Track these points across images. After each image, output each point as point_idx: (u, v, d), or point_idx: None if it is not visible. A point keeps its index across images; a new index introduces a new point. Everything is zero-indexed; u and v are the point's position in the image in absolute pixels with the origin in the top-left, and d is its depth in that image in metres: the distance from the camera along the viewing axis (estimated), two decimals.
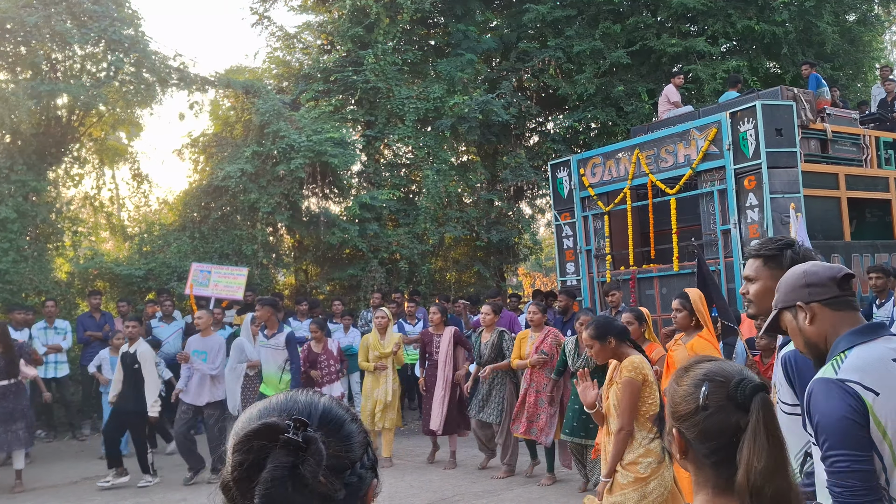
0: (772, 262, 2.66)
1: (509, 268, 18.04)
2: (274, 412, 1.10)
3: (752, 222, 9.09)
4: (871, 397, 1.98)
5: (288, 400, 1.15)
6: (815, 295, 2.19)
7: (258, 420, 1.07)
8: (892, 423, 1.97)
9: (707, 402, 1.53)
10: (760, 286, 2.68)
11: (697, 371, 1.60)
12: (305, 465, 0.99)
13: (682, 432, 1.57)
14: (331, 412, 1.15)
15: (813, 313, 2.19)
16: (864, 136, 10.53)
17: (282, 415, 1.08)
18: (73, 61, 12.94)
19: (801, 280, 2.23)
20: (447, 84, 15.49)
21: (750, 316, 2.81)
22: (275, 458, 0.99)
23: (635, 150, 10.47)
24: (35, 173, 12.15)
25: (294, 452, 1.01)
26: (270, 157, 13.15)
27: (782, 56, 16.34)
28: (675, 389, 1.62)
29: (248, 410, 1.15)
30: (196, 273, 11.25)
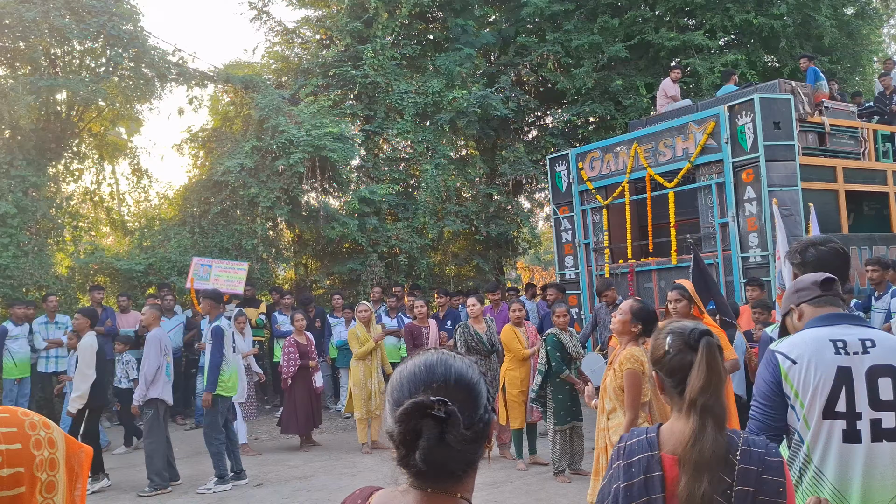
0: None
1: (508, 261, 18.08)
2: (420, 386, 1.40)
3: (750, 215, 9.13)
4: (787, 364, 2.51)
5: (428, 370, 1.43)
6: (801, 297, 2.73)
7: (408, 395, 1.39)
8: (801, 388, 2.47)
9: (670, 348, 2.09)
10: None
11: (666, 328, 2.16)
12: (449, 431, 1.31)
13: (658, 373, 2.14)
14: (463, 378, 1.44)
15: (801, 312, 2.72)
16: (862, 130, 10.56)
17: (427, 390, 1.38)
18: (72, 56, 12.96)
19: (792, 288, 2.79)
20: (446, 78, 15.50)
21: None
22: (427, 428, 1.31)
23: (633, 144, 10.50)
24: (35, 168, 12.17)
25: (440, 423, 1.31)
26: (270, 151, 13.17)
27: (780, 49, 16.35)
28: (653, 343, 2.17)
29: (398, 379, 1.46)
30: (197, 267, 11.29)
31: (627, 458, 2.07)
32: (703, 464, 1.93)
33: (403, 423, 1.34)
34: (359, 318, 9.52)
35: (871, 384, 2.43)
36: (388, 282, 13.92)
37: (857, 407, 2.42)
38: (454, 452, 1.34)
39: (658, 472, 2.01)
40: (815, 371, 2.46)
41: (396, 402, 1.41)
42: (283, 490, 7.60)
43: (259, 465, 8.76)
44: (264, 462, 8.91)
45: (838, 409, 2.43)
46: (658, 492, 1.98)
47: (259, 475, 8.26)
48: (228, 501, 7.30)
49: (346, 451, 9.42)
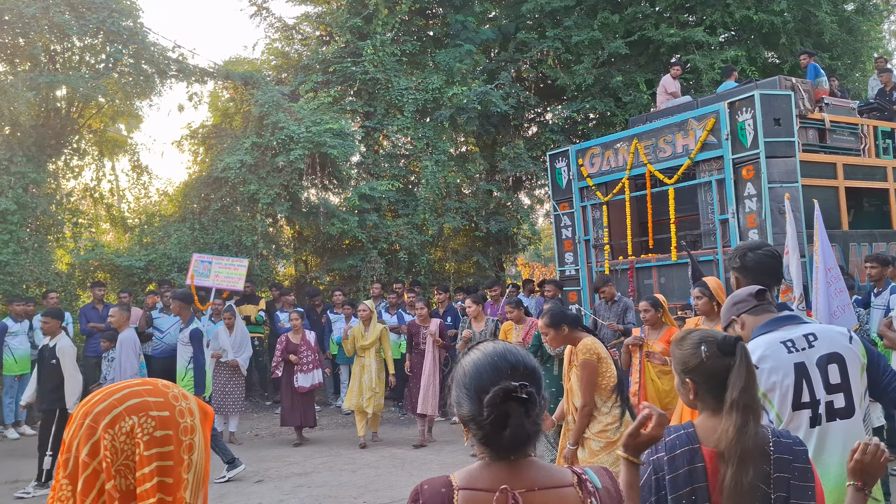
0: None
1: (508, 258, 18.08)
2: (502, 374, 1.64)
3: (751, 212, 9.12)
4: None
5: (504, 360, 1.67)
6: (741, 309, 3.03)
7: (490, 383, 1.62)
8: (769, 389, 2.74)
9: (706, 356, 2.26)
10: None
11: (693, 337, 2.34)
12: (530, 411, 1.59)
13: (692, 379, 2.31)
14: (530, 363, 1.71)
15: (742, 322, 3.01)
16: (862, 126, 10.55)
17: (508, 377, 1.62)
18: (72, 53, 12.95)
19: (730, 302, 3.09)
20: (446, 75, 15.49)
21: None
22: (514, 409, 1.58)
23: (634, 141, 10.49)
24: (35, 165, 12.17)
25: (523, 403, 1.58)
26: (270, 148, 13.16)
27: (781, 46, 16.33)
28: (681, 352, 2.34)
29: (472, 370, 1.69)
30: (197, 264, 11.30)
31: (671, 452, 2.24)
32: (747, 455, 2.13)
33: (494, 407, 1.59)
34: (360, 318, 9.73)
35: (822, 372, 2.77)
36: (388, 278, 13.93)
37: (817, 395, 2.75)
38: (533, 425, 1.62)
39: (701, 463, 2.21)
40: (776, 372, 2.76)
41: (478, 390, 1.64)
42: (283, 486, 7.62)
43: (259, 461, 8.77)
44: (264, 458, 8.92)
45: (804, 400, 2.75)
46: (702, 481, 2.19)
47: (259, 471, 8.28)
48: (229, 497, 7.32)
49: (346, 447, 9.44)
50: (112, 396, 1.37)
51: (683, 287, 9.71)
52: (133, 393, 1.38)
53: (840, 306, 5.20)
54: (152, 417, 1.35)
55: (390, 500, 6.99)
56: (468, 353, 1.74)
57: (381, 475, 7.96)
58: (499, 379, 1.61)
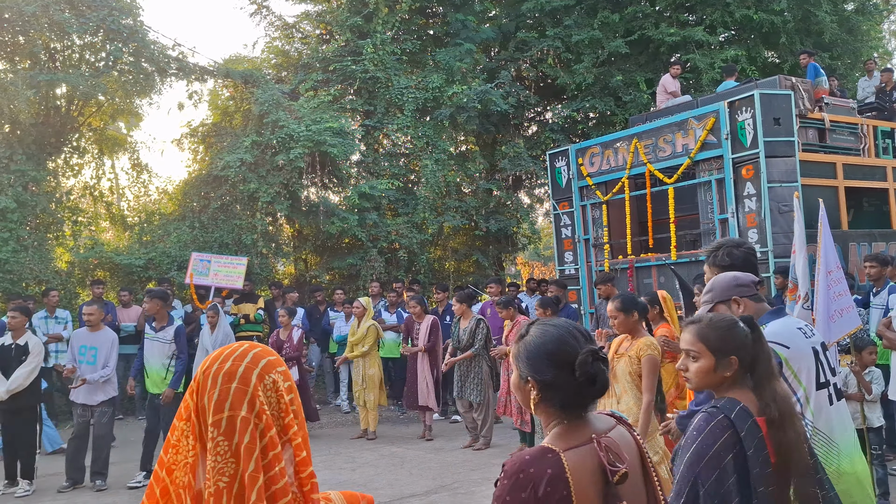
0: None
1: (508, 257, 18.09)
2: (582, 341, 1.93)
3: (750, 211, 9.13)
4: (784, 351, 3.01)
5: (574, 328, 1.97)
6: (744, 292, 3.21)
7: (575, 349, 1.91)
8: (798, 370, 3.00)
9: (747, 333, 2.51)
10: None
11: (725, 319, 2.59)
12: (606, 366, 1.93)
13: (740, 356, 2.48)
14: (588, 332, 2.10)
15: (744, 305, 3.18)
16: (862, 126, 10.55)
17: (583, 342, 1.93)
18: (72, 51, 12.94)
19: (733, 282, 3.23)
20: (446, 74, 15.48)
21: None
22: (598, 368, 1.89)
23: (633, 140, 10.50)
24: (34, 163, 12.16)
25: (604, 361, 1.91)
26: (270, 146, 13.16)
27: (780, 45, 16.33)
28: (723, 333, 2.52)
29: (553, 341, 1.94)
30: (196, 262, 11.29)
31: (741, 429, 2.35)
32: (788, 416, 2.39)
33: (587, 366, 1.88)
34: (354, 314, 10.29)
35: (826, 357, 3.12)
36: (387, 277, 13.93)
37: (828, 377, 3.10)
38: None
39: (760, 433, 2.37)
40: (802, 354, 3.04)
41: (565, 356, 1.91)
42: None
43: None
44: None
45: (821, 381, 3.06)
46: (764, 448, 2.36)
47: None
48: None
49: (345, 445, 9.45)
50: (245, 358, 1.53)
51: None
52: (261, 353, 1.56)
53: (838, 310, 5.18)
54: (280, 372, 1.55)
55: (389, 499, 7.00)
56: (535, 330, 1.99)
57: (381, 473, 7.97)
58: (578, 345, 1.91)
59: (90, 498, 7.51)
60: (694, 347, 2.55)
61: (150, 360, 8.16)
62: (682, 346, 2.63)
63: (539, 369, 1.92)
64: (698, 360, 2.55)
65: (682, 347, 2.63)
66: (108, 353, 7.97)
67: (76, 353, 7.96)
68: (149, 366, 8.16)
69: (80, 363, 7.92)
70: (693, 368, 2.56)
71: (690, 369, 2.58)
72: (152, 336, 8.16)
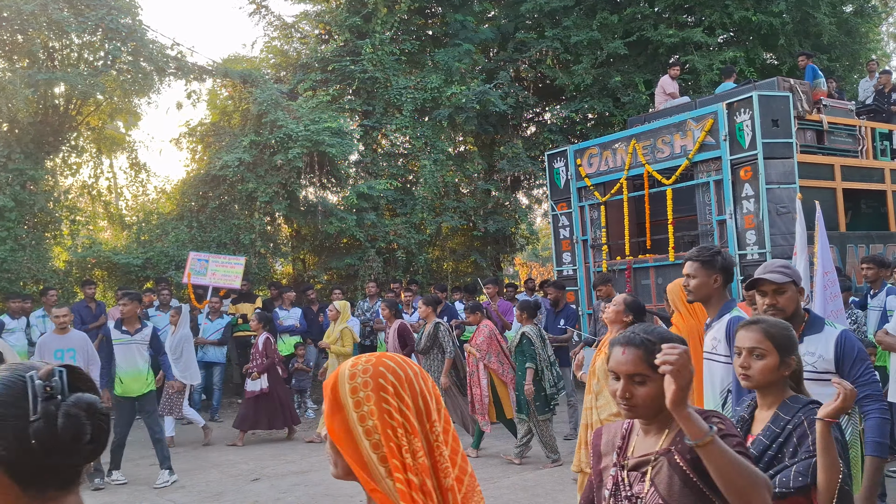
0: (707, 265, 3.86)
1: (506, 257, 18.09)
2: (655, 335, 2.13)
3: (748, 213, 9.14)
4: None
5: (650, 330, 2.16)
6: (798, 283, 3.48)
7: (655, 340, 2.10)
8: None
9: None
10: (698, 282, 3.89)
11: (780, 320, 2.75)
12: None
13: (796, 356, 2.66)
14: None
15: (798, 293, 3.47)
16: (860, 128, 10.57)
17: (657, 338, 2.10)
18: (71, 50, 12.93)
19: (799, 276, 3.51)
20: (445, 74, 15.49)
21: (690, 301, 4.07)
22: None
23: (632, 141, 10.50)
24: (32, 162, 12.15)
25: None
26: (268, 146, 13.16)
27: (779, 47, 16.35)
28: (789, 333, 2.65)
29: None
30: (194, 262, 11.29)
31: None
32: None
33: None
34: (329, 317, 10.19)
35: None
36: (385, 277, 13.93)
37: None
38: None
39: None
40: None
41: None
42: (280, 484, 7.62)
43: (256, 459, 8.78)
44: (261, 456, 8.92)
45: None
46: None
47: (256, 469, 8.28)
48: (226, 495, 7.32)
49: None
50: (397, 361, 1.52)
51: None
52: (403, 358, 1.55)
53: (834, 311, 5.24)
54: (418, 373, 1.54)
55: None
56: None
57: None
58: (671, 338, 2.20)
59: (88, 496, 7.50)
60: (761, 345, 2.61)
61: (124, 364, 7.82)
62: (744, 345, 2.65)
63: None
64: (764, 357, 2.60)
65: (744, 346, 2.65)
66: (89, 351, 7.84)
67: (50, 358, 7.65)
68: (123, 370, 7.82)
69: None
70: (758, 366, 2.60)
71: (754, 367, 2.62)
72: (127, 340, 7.85)
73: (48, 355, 7.67)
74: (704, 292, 3.90)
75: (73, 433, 1.16)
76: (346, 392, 1.46)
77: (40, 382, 1.17)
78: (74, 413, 1.17)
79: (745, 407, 2.80)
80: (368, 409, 1.44)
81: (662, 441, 2.10)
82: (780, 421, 2.56)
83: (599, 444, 2.31)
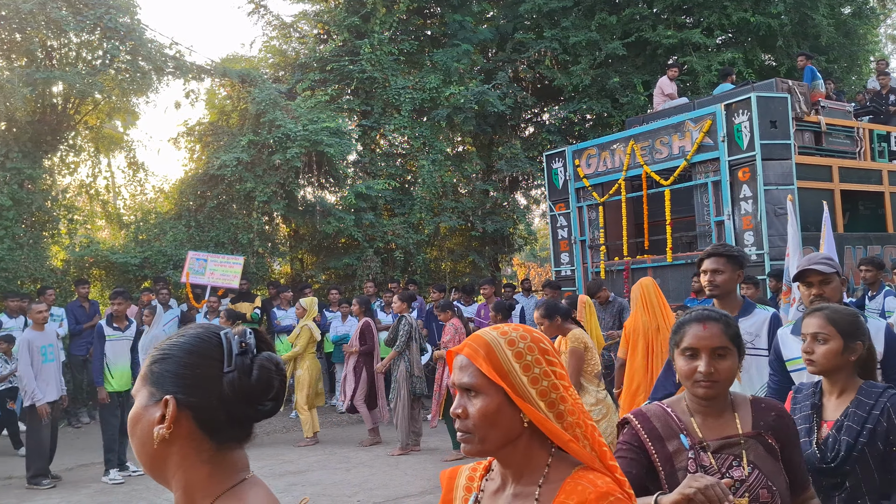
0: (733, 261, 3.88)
1: (504, 258, 18.09)
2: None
3: (746, 214, 9.15)
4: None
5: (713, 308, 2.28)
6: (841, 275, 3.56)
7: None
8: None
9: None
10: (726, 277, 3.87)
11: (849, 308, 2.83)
12: None
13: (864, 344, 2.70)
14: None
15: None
16: (858, 129, 10.59)
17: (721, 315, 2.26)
18: (69, 49, 12.90)
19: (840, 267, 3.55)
20: (443, 74, 15.49)
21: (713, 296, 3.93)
22: None
23: (630, 142, 10.51)
24: (30, 161, 12.13)
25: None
26: (266, 146, 13.15)
27: (777, 48, 16.37)
28: (860, 322, 2.72)
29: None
30: (192, 261, 11.28)
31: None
32: None
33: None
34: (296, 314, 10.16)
35: None
36: (383, 277, 13.92)
37: None
38: None
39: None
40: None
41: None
42: (277, 484, 7.61)
43: (254, 459, 8.63)
44: (259, 457, 8.91)
45: None
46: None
47: (254, 469, 8.24)
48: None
49: (340, 445, 9.44)
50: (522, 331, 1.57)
51: (679, 288, 9.73)
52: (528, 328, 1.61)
53: None
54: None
55: (384, 500, 6.99)
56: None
57: (376, 474, 7.96)
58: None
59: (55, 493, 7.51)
60: (824, 330, 2.66)
61: (116, 360, 8.12)
62: (808, 331, 2.72)
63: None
64: (827, 342, 2.65)
65: (808, 332, 2.72)
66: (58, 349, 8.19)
67: (38, 354, 7.89)
68: (114, 366, 8.11)
69: (47, 363, 7.94)
70: (821, 351, 2.66)
71: (817, 352, 2.66)
72: (118, 336, 8.19)
73: (36, 351, 7.86)
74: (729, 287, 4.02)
75: (264, 386, 1.27)
76: (510, 358, 1.50)
77: (237, 338, 1.28)
78: (268, 367, 1.28)
79: (808, 394, 2.81)
80: (541, 371, 1.50)
81: (739, 423, 2.18)
82: (864, 406, 2.59)
83: (654, 427, 2.22)
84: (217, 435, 1.26)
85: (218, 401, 1.24)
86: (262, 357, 1.29)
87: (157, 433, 1.22)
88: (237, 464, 1.32)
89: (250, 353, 1.28)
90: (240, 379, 1.24)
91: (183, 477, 1.26)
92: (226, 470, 1.29)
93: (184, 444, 1.24)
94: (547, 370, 1.50)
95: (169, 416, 1.22)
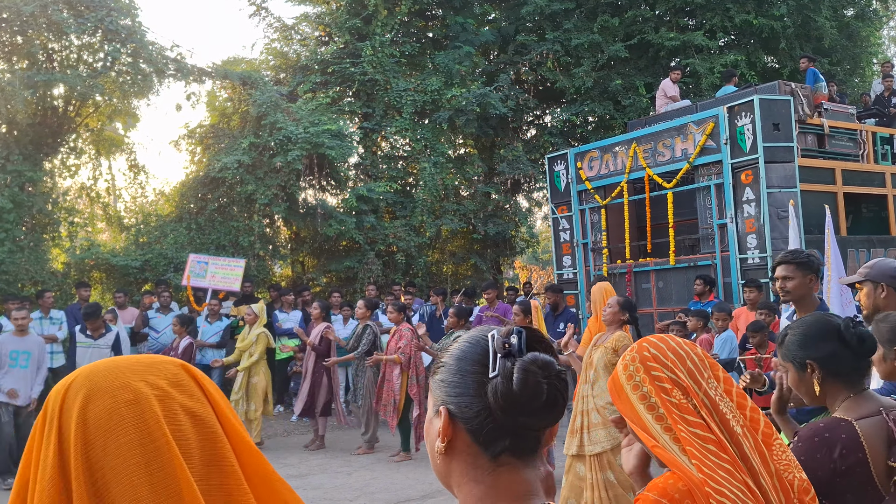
0: (803, 266, 3.92)
1: (506, 261, 18.05)
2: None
3: (749, 216, 9.11)
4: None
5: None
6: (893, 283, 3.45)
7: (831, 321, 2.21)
8: None
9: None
10: (797, 283, 3.93)
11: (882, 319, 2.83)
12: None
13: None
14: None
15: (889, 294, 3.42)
16: (861, 132, 10.54)
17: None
18: (70, 51, 12.89)
19: (892, 271, 3.48)
20: (445, 76, 15.46)
21: (787, 301, 4.06)
22: (861, 331, 2.19)
23: (633, 144, 10.48)
24: (31, 163, 12.11)
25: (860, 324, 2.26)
26: (267, 148, 13.13)
27: (780, 51, 16.33)
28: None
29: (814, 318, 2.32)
30: (193, 264, 11.26)
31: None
32: None
33: (850, 331, 2.16)
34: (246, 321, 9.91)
35: None
36: (385, 280, 13.89)
37: None
38: None
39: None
40: None
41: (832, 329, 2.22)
42: None
43: None
44: None
45: None
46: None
47: None
48: None
49: (341, 449, 9.41)
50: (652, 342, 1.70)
51: (681, 291, 9.70)
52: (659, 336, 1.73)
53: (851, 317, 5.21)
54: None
55: (386, 503, 6.96)
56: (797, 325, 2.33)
57: (377, 478, 7.93)
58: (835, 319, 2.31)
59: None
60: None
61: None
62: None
63: (815, 348, 2.13)
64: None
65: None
66: (42, 357, 8.13)
67: (5, 359, 7.89)
68: None
69: (12, 367, 7.91)
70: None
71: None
72: (89, 343, 8.20)
73: (5, 355, 7.91)
74: (802, 292, 4.07)
75: (529, 391, 1.13)
76: (624, 380, 1.66)
77: (500, 339, 1.17)
78: (531, 370, 1.13)
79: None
80: (648, 390, 1.62)
81: None
82: None
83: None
84: (490, 447, 1.15)
85: (486, 410, 1.14)
86: (525, 359, 1.15)
87: (437, 447, 1.17)
88: (517, 489, 1.16)
89: (514, 355, 1.16)
90: (503, 384, 1.13)
91: (461, 498, 1.18)
92: (500, 494, 1.16)
93: (462, 459, 1.17)
94: (651, 388, 1.64)
95: (442, 428, 1.16)
